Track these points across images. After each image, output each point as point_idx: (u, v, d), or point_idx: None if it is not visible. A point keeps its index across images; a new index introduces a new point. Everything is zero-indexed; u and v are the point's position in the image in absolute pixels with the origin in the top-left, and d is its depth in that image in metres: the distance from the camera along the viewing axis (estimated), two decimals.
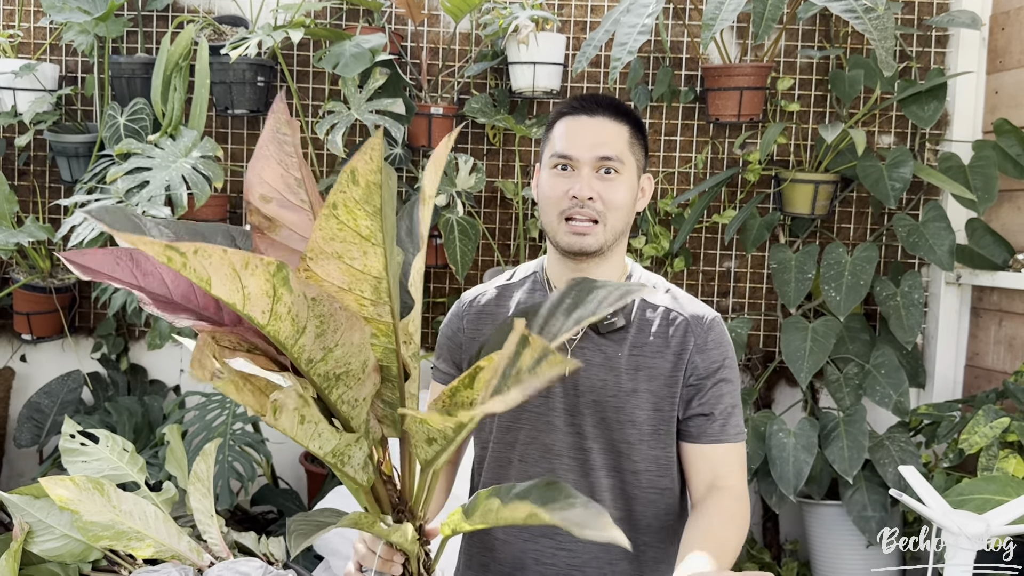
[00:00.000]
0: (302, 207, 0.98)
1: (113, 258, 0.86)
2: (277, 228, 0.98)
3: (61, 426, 2.84)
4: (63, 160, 2.82)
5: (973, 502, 2.03)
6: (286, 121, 0.96)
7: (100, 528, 1.59)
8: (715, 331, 1.36)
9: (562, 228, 1.34)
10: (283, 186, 0.97)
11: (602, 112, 1.35)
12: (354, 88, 2.61)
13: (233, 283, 0.80)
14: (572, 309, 0.95)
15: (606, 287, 0.96)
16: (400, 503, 1.05)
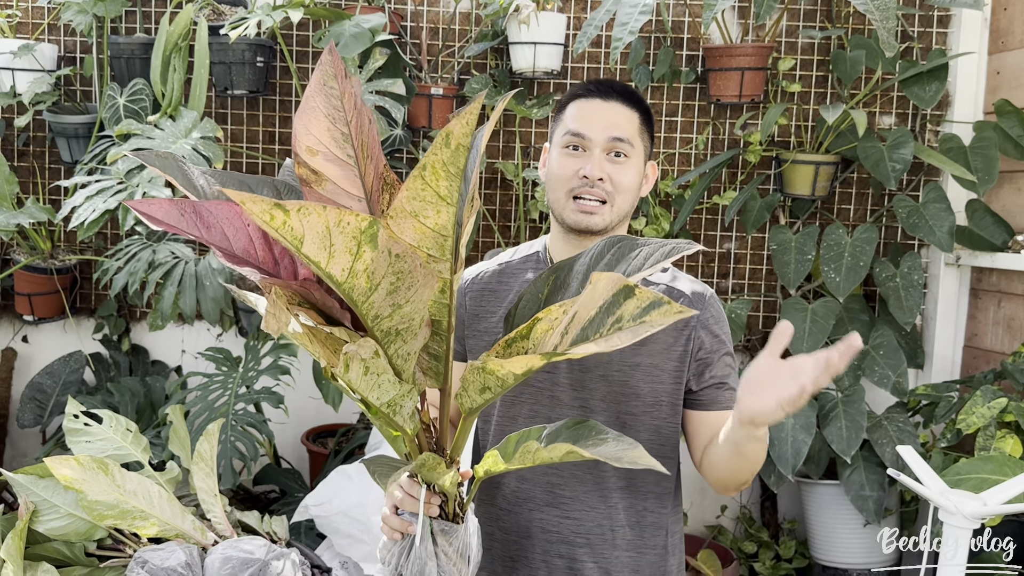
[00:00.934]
0: (347, 162, 0.98)
1: (178, 210, 0.87)
2: (323, 182, 0.98)
3: (64, 406, 2.86)
4: (63, 141, 2.82)
5: (970, 481, 2.05)
6: (334, 74, 0.94)
7: (105, 507, 1.61)
8: (715, 307, 1.41)
9: (570, 206, 1.36)
10: (330, 140, 0.97)
11: (615, 97, 1.38)
12: (354, 68, 2.61)
13: (324, 241, 0.83)
14: (614, 265, 0.98)
15: (649, 244, 0.98)
16: (438, 449, 1.10)
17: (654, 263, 0.96)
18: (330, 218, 0.81)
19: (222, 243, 0.90)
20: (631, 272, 0.97)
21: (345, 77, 0.94)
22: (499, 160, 2.97)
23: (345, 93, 0.95)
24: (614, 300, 0.88)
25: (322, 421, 3.01)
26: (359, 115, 0.98)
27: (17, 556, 1.57)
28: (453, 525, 1.12)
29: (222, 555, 1.56)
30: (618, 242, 1.02)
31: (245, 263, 0.92)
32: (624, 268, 0.98)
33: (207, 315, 2.35)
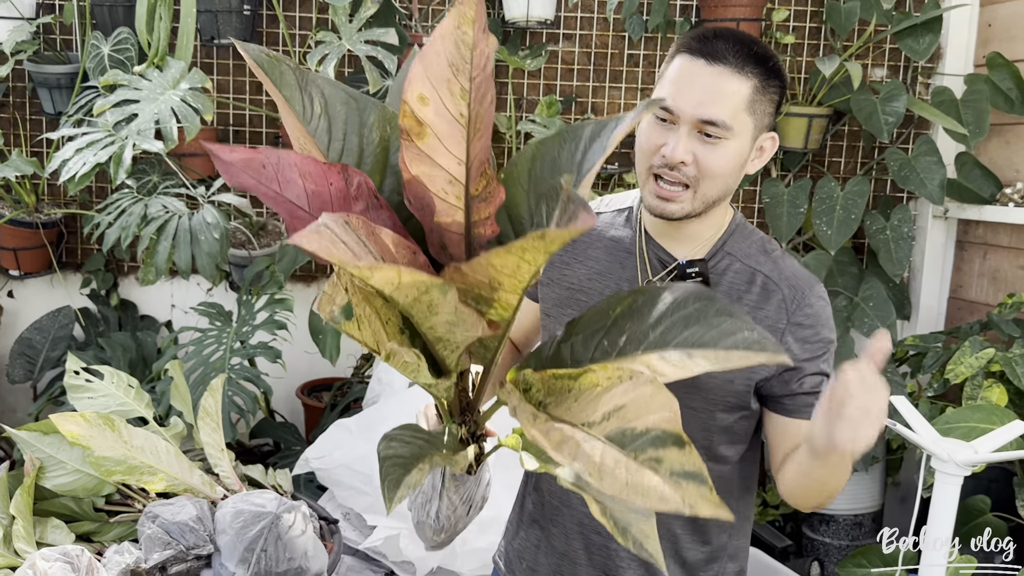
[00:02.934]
0: (458, 121, 0.88)
1: (262, 160, 0.83)
2: (425, 136, 0.89)
3: (54, 362, 2.85)
4: (44, 91, 2.75)
5: (959, 430, 2.10)
6: (473, 19, 0.83)
7: (112, 463, 1.61)
8: (814, 306, 1.21)
9: (648, 186, 1.20)
10: (446, 90, 0.86)
11: (725, 60, 1.14)
12: (345, 17, 2.55)
13: (392, 283, 0.79)
14: (690, 323, 0.88)
15: (742, 323, 0.86)
16: (468, 408, 1.08)
17: (738, 347, 0.85)
18: (404, 278, 0.77)
19: (298, 200, 0.85)
20: (701, 342, 0.86)
21: (483, 30, 0.84)
22: None
23: (477, 45, 0.84)
24: (664, 436, 0.80)
25: (316, 375, 3.02)
26: (485, 78, 0.88)
27: (27, 512, 1.58)
28: (465, 476, 1.13)
29: (233, 509, 1.57)
30: (705, 297, 0.90)
31: (310, 218, 0.87)
32: (699, 334, 0.87)
33: (202, 270, 2.33)
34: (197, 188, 2.54)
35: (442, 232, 0.96)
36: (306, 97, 0.91)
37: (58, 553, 1.44)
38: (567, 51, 2.93)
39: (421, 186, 0.92)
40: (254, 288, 2.64)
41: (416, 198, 0.93)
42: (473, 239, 0.97)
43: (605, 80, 2.95)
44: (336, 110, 0.93)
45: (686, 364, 0.85)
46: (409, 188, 0.93)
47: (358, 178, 0.90)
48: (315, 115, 0.92)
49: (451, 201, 0.93)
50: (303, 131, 0.92)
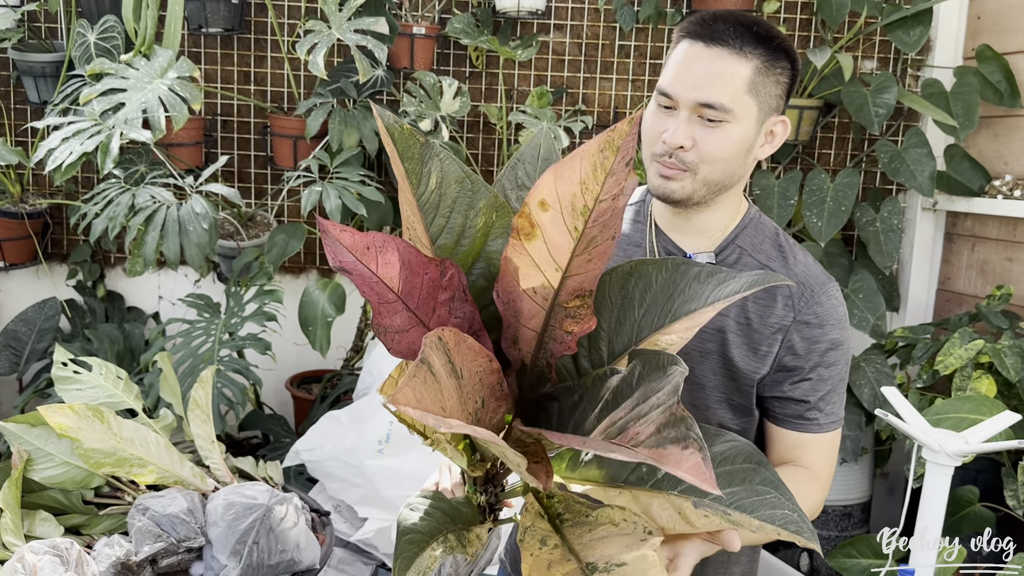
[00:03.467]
0: (570, 233, 0.90)
1: (367, 242, 0.87)
2: (534, 238, 0.91)
3: (40, 354, 2.82)
4: (29, 80, 2.72)
5: (949, 420, 2.11)
6: (617, 148, 0.84)
7: (102, 455, 1.59)
8: (824, 304, 1.16)
9: (652, 169, 1.18)
10: (568, 204, 0.88)
11: (723, 42, 1.12)
12: (334, 6, 2.53)
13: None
14: (728, 484, 0.92)
15: (779, 502, 0.88)
16: (492, 479, 1.08)
17: (775, 522, 0.87)
18: (477, 435, 0.81)
19: (391, 281, 0.89)
20: (739, 504, 0.88)
21: (626, 163, 0.85)
22: (482, 103, 2.92)
23: (614, 174, 0.85)
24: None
25: (305, 367, 3.00)
26: (612, 209, 0.88)
27: (14, 505, 1.56)
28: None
29: (224, 501, 1.56)
30: (755, 461, 0.90)
31: (400, 307, 0.91)
32: (739, 496, 0.89)
33: (191, 261, 2.31)
34: (185, 178, 2.51)
35: (519, 328, 0.98)
36: (424, 171, 0.95)
37: (47, 546, 1.42)
38: (558, 42, 2.92)
39: (514, 281, 0.94)
40: (243, 279, 2.62)
41: (505, 292, 0.96)
42: (547, 344, 0.98)
43: (596, 71, 2.94)
44: (450, 188, 0.97)
45: (717, 520, 0.87)
46: (502, 281, 0.95)
47: (452, 271, 0.94)
48: (428, 189, 0.96)
49: (537, 302, 0.95)
50: (413, 204, 0.95)
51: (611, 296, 1.00)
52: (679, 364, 0.83)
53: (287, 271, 3.01)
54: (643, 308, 0.97)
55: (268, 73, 2.91)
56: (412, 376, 0.77)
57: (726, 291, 0.91)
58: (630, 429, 0.81)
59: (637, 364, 0.89)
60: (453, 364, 0.84)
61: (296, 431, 2.77)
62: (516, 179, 1.09)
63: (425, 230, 0.96)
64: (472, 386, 0.88)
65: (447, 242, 0.98)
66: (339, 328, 2.67)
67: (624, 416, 0.83)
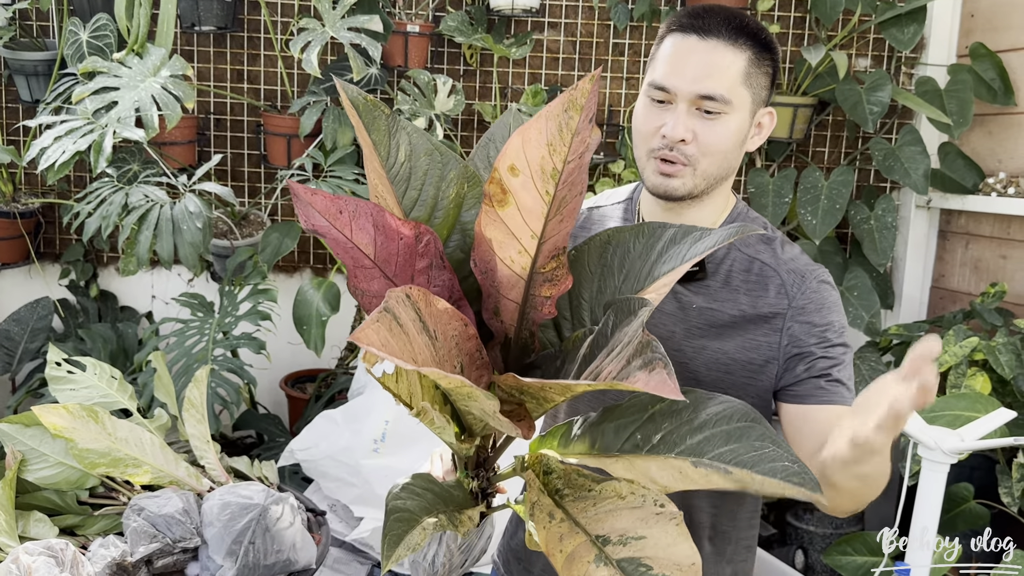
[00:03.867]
0: (542, 197, 0.89)
1: (340, 205, 0.85)
2: (507, 204, 0.90)
3: (33, 354, 2.80)
4: (21, 79, 2.70)
5: (944, 418, 2.11)
6: (581, 107, 0.83)
7: (96, 455, 1.58)
8: (818, 290, 1.17)
9: (649, 166, 1.16)
10: (538, 167, 0.87)
11: (717, 34, 1.12)
12: (328, 3, 2.52)
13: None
14: (726, 442, 0.90)
15: (779, 454, 0.86)
16: (484, 463, 1.06)
17: (776, 475, 0.85)
18: (451, 383, 0.80)
19: (367, 248, 0.87)
20: (739, 460, 0.87)
21: (589, 120, 0.84)
22: (477, 101, 2.92)
23: (580, 133, 0.85)
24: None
25: (299, 366, 2.99)
26: (580, 167, 0.88)
27: (8, 505, 1.55)
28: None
29: (220, 501, 1.55)
30: (751, 419, 0.89)
31: (378, 274, 0.89)
32: (738, 452, 0.87)
33: (185, 260, 2.30)
34: (179, 177, 2.50)
35: (499, 299, 0.97)
36: (393, 143, 0.93)
37: (42, 547, 1.42)
38: (552, 40, 2.92)
39: (490, 251, 0.93)
40: (237, 278, 2.61)
41: (482, 261, 0.94)
42: (528, 313, 0.97)
43: (591, 68, 2.93)
44: (419, 160, 0.95)
45: (718, 478, 0.86)
46: (478, 250, 0.94)
47: (428, 236, 0.92)
48: (398, 162, 0.94)
49: (516, 271, 0.94)
50: (383, 175, 0.93)
51: (591, 265, 0.99)
52: (647, 304, 0.84)
53: (281, 270, 3.00)
54: (623, 274, 0.97)
55: (261, 71, 2.90)
56: (375, 321, 0.75)
57: (702, 247, 0.90)
58: (603, 369, 0.82)
59: (611, 314, 0.89)
60: (424, 323, 0.82)
61: (291, 431, 2.76)
62: (488, 159, 1.08)
63: (397, 202, 0.95)
64: (448, 349, 0.86)
65: (420, 214, 0.97)
66: (333, 327, 2.66)
67: (600, 363, 0.84)
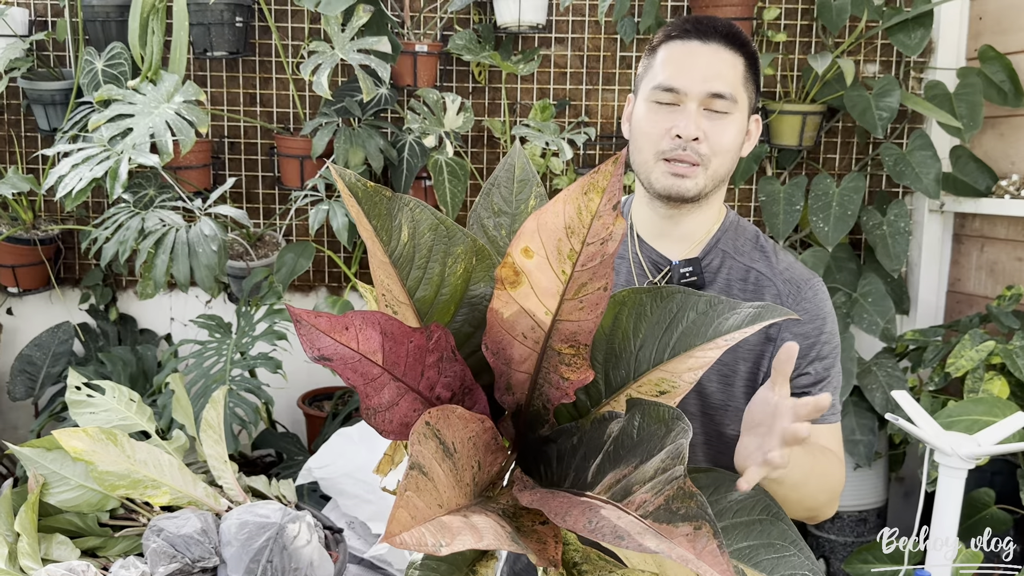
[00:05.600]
0: (557, 277, 0.86)
1: (345, 323, 0.84)
2: (519, 286, 0.87)
3: (55, 378, 2.85)
4: (39, 108, 2.75)
5: (962, 423, 2.10)
6: (602, 189, 0.81)
7: (116, 478, 1.61)
8: (811, 300, 1.18)
9: (658, 169, 1.17)
10: (554, 249, 0.85)
11: (717, 39, 1.15)
12: (337, 26, 2.56)
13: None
14: (745, 537, 0.87)
15: (800, 562, 0.83)
16: None
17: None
18: (483, 544, 0.79)
19: (373, 354, 0.85)
20: (757, 562, 0.84)
21: (612, 206, 0.81)
22: (486, 117, 2.94)
23: (601, 216, 0.81)
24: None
25: (316, 384, 3.02)
26: (602, 254, 0.83)
27: (31, 529, 1.57)
28: None
29: (238, 520, 1.57)
30: (772, 513, 0.86)
31: (386, 376, 0.87)
32: (758, 553, 0.84)
33: (201, 282, 2.33)
34: (194, 200, 2.54)
35: (511, 374, 0.95)
36: (395, 225, 0.90)
37: (64, 569, 1.44)
38: (559, 55, 2.94)
39: (502, 332, 0.91)
40: (253, 299, 2.64)
41: (494, 343, 0.92)
42: (541, 386, 0.95)
43: (598, 83, 2.95)
44: (423, 237, 0.91)
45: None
46: (489, 333, 0.92)
47: (438, 333, 0.90)
48: (400, 243, 0.90)
49: (528, 345, 0.92)
50: (385, 263, 0.90)
51: (603, 326, 0.95)
52: (682, 420, 0.79)
53: (296, 289, 3.03)
54: (639, 340, 0.93)
55: (273, 94, 2.94)
56: (404, 491, 0.73)
57: (727, 325, 0.87)
58: (636, 494, 0.77)
59: (636, 414, 0.85)
60: (444, 444, 0.81)
61: (309, 448, 2.78)
62: (492, 206, 1.04)
63: (401, 286, 0.91)
64: (466, 455, 0.85)
65: (426, 294, 0.93)
66: None
67: (628, 475, 0.80)
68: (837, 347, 1.20)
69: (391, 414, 0.87)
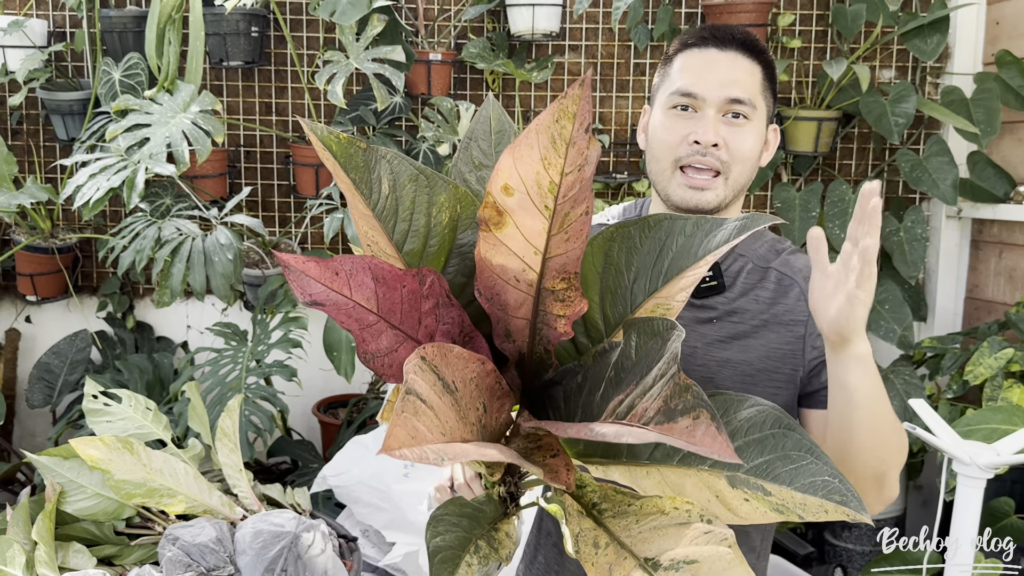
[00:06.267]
0: (541, 213, 0.84)
1: (334, 267, 0.82)
2: (504, 225, 0.86)
3: (73, 386, 2.87)
4: (57, 118, 2.78)
5: (981, 432, 2.08)
6: (573, 114, 0.79)
7: (132, 486, 1.62)
8: None
9: (676, 179, 1.15)
10: (534, 183, 0.82)
11: (735, 46, 1.15)
12: (352, 36, 2.57)
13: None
14: (760, 453, 0.86)
15: (818, 468, 0.83)
16: (511, 470, 1.05)
17: (817, 492, 0.82)
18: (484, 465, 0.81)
19: (368, 303, 0.84)
20: (776, 475, 0.83)
21: (585, 129, 0.80)
22: None
23: (575, 143, 0.80)
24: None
25: (331, 392, 3.02)
26: (581, 181, 0.83)
27: (48, 537, 1.58)
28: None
29: (253, 529, 1.57)
30: (784, 425, 0.85)
31: (385, 325, 0.86)
32: (775, 467, 0.84)
33: (217, 291, 2.35)
34: (210, 209, 2.55)
35: (509, 320, 0.94)
36: (374, 178, 0.88)
37: None
38: (573, 62, 2.94)
39: (493, 275, 0.90)
40: (268, 307, 2.65)
41: (486, 288, 0.91)
42: (540, 330, 0.94)
43: (612, 90, 2.95)
44: (404, 189, 0.90)
45: (756, 504, 0.81)
46: (481, 278, 0.91)
47: (431, 277, 0.88)
48: (382, 196, 0.88)
49: (522, 289, 0.90)
50: (368, 216, 0.89)
51: (595, 264, 0.94)
52: (675, 328, 0.80)
53: None
54: (631, 273, 0.92)
55: (289, 103, 2.96)
56: (400, 412, 0.72)
57: (715, 242, 0.87)
58: (637, 406, 0.77)
59: (632, 335, 0.85)
60: (444, 380, 0.79)
61: (324, 456, 2.79)
62: (472, 160, 1.02)
63: (388, 240, 0.90)
64: (469, 395, 0.83)
65: (414, 246, 0.91)
66: None
67: (630, 393, 0.80)
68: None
69: (390, 359, 0.87)
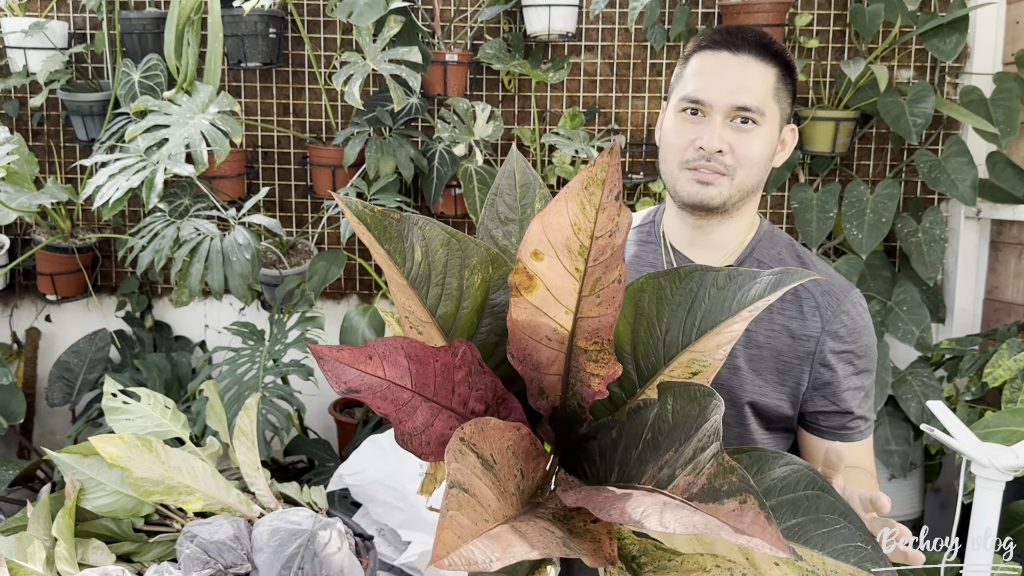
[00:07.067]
0: (571, 276, 0.85)
1: (367, 352, 0.84)
2: (534, 289, 0.87)
3: (92, 384, 2.89)
4: (78, 119, 2.81)
5: (1000, 434, 2.06)
6: (602, 181, 0.79)
7: (151, 484, 1.63)
8: (850, 312, 1.18)
9: (683, 177, 1.18)
10: (563, 246, 0.83)
11: (748, 50, 1.16)
12: (368, 37, 2.58)
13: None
14: (792, 515, 0.85)
15: (851, 533, 0.82)
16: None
17: (849, 558, 0.81)
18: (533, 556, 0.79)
19: (401, 379, 0.85)
20: (807, 539, 0.83)
21: (614, 196, 0.81)
22: (515, 125, 2.95)
23: (605, 209, 0.81)
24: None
25: None
26: (612, 247, 0.82)
27: (68, 534, 1.60)
28: None
29: (270, 527, 1.58)
30: (818, 486, 0.85)
31: (417, 399, 0.87)
32: (807, 529, 0.83)
33: (235, 291, 2.36)
34: (228, 210, 2.57)
35: (542, 378, 0.95)
36: (407, 246, 0.89)
37: (99, 574, 1.46)
38: (589, 63, 2.94)
39: (525, 338, 0.91)
40: (285, 307, 2.66)
41: (519, 351, 0.92)
42: (574, 385, 0.95)
43: (628, 90, 2.95)
44: (437, 254, 0.91)
45: (788, 570, 0.80)
46: (513, 341, 0.92)
47: (463, 348, 0.90)
48: (415, 263, 0.90)
49: (554, 347, 0.91)
50: (403, 285, 0.90)
51: (626, 314, 0.94)
52: (713, 396, 0.79)
53: (328, 297, 3.05)
54: (663, 325, 0.92)
55: (306, 105, 2.98)
56: (446, 511, 0.72)
57: (749, 296, 0.86)
58: (679, 478, 0.76)
59: (668, 397, 0.84)
60: (483, 457, 0.80)
61: (340, 455, 2.80)
62: (498, 216, 1.03)
63: (422, 305, 0.92)
64: (507, 465, 0.84)
65: (448, 309, 0.93)
66: None
67: (669, 460, 0.79)
68: (874, 359, 1.21)
69: (427, 435, 0.87)
